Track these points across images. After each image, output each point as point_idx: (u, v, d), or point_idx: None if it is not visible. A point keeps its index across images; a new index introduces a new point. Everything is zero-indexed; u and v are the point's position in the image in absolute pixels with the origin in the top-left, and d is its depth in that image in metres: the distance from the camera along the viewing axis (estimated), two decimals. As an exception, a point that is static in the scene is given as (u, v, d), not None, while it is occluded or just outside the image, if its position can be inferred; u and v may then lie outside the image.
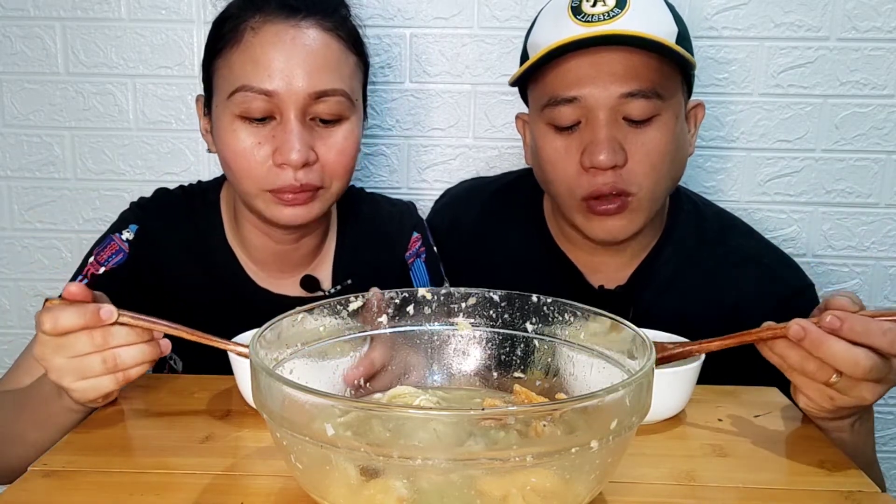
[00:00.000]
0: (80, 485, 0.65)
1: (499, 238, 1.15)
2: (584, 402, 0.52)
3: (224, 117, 0.93)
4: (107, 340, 0.72)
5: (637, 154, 0.94)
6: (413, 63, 1.33)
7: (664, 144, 0.95)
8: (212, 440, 0.74)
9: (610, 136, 0.93)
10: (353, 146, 0.96)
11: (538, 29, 0.99)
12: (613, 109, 0.93)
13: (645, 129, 0.94)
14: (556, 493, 0.53)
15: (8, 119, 1.36)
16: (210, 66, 0.96)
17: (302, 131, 0.90)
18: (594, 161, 0.92)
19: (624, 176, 0.94)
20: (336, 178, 0.95)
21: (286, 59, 0.89)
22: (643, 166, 0.94)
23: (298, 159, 0.89)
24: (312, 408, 0.52)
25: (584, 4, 0.93)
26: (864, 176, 1.33)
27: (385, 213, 1.15)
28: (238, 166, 0.92)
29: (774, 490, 0.66)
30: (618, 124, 0.94)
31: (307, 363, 0.71)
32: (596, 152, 0.92)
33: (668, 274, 1.05)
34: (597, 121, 0.93)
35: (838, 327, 0.67)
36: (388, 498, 0.52)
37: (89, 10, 1.31)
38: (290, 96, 0.89)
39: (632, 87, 0.92)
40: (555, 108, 0.95)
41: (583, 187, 0.95)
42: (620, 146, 0.93)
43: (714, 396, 0.86)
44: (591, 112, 0.93)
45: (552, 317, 0.73)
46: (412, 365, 0.78)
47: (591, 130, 0.94)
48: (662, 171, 0.96)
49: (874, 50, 1.28)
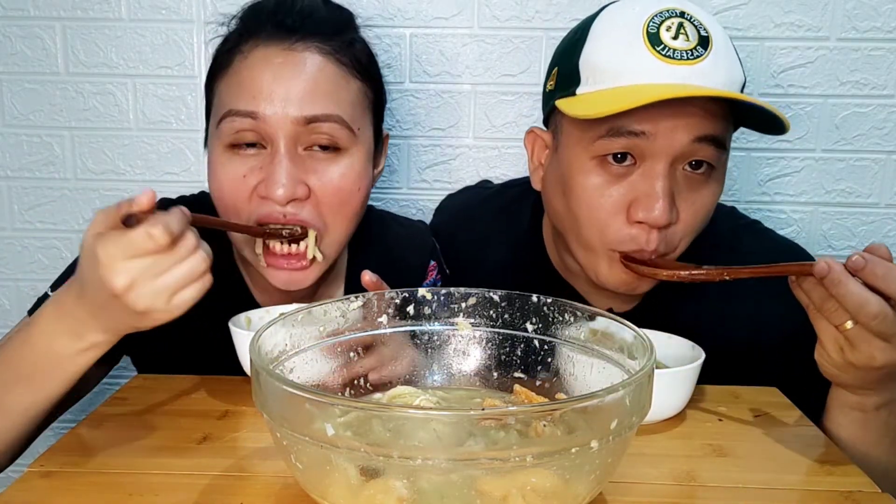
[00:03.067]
0: (80, 485, 0.65)
1: (497, 262, 1.09)
2: (584, 402, 0.52)
3: (215, 149, 0.87)
4: (198, 239, 0.67)
5: (686, 212, 0.86)
6: (413, 63, 1.33)
7: (712, 202, 0.88)
8: (211, 440, 0.74)
9: (669, 190, 0.83)
10: (352, 183, 0.87)
11: (603, 48, 0.86)
12: (681, 156, 0.84)
13: (700, 185, 0.86)
14: (556, 493, 0.53)
15: (8, 119, 1.36)
16: (208, 97, 0.92)
17: (290, 164, 0.83)
18: (648, 217, 0.83)
19: (667, 237, 0.86)
20: (332, 217, 0.87)
21: (273, 80, 0.83)
22: (688, 227, 0.87)
23: (284, 195, 0.82)
24: (313, 408, 0.52)
25: (663, 33, 0.83)
26: (864, 176, 1.33)
27: (398, 235, 1.08)
28: (224, 201, 0.86)
29: (774, 490, 0.66)
30: (675, 177, 0.85)
31: (308, 362, 0.71)
32: (652, 207, 0.83)
33: (682, 292, 0.96)
34: (658, 168, 0.83)
35: (861, 267, 0.67)
36: (388, 498, 0.52)
37: (89, 10, 1.31)
38: (277, 121, 0.83)
39: (708, 131, 0.83)
40: (614, 140, 0.84)
41: (623, 242, 0.86)
42: (674, 203, 0.85)
43: (714, 396, 0.86)
44: (654, 155, 0.83)
45: (552, 317, 0.73)
46: (406, 357, 0.77)
47: (648, 178, 0.84)
48: (702, 227, 0.89)
49: (874, 50, 1.28)
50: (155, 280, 0.65)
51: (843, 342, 0.70)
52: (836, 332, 0.70)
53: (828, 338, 0.71)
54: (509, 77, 1.32)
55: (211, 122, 0.90)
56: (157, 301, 0.65)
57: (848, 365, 0.71)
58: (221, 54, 0.90)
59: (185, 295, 0.67)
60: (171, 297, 0.66)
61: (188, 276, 0.66)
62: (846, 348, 0.70)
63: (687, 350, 0.83)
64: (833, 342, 0.71)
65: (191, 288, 0.67)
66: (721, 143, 0.86)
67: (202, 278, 0.67)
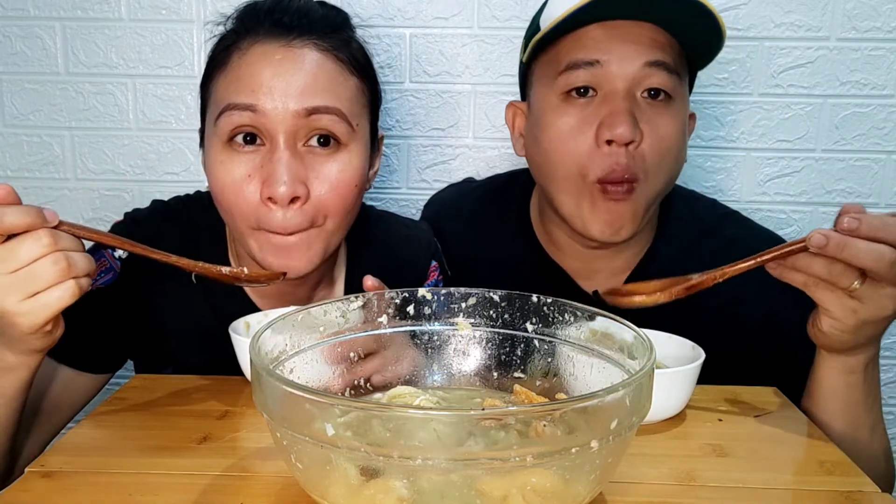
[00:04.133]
0: (80, 485, 0.65)
1: (486, 246, 1.12)
2: (584, 402, 0.52)
3: (213, 147, 0.86)
4: (55, 241, 0.64)
5: (651, 136, 0.91)
6: (413, 63, 1.33)
7: (675, 132, 0.93)
8: (211, 440, 0.74)
9: (630, 109, 0.90)
10: (350, 179, 0.87)
11: (556, 2, 0.94)
12: (635, 80, 0.90)
13: (661, 111, 0.92)
14: (556, 493, 0.53)
15: (8, 119, 1.36)
16: (205, 94, 0.91)
17: (291, 160, 0.83)
18: (614, 133, 0.89)
19: (636, 157, 0.91)
20: (330, 216, 0.87)
21: (272, 75, 0.83)
22: (655, 151, 0.92)
23: (287, 193, 0.82)
24: (313, 408, 0.52)
25: None
26: (864, 176, 1.33)
27: (400, 236, 1.08)
28: (226, 201, 0.86)
29: (774, 490, 0.66)
30: (635, 101, 0.91)
31: (308, 363, 0.71)
32: (616, 124, 0.88)
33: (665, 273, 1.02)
34: (616, 92, 0.90)
35: (856, 227, 0.68)
36: (388, 498, 0.52)
37: (89, 10, 1.31)
38: (276, 114, 0.82)
39: (657, 56, 0.90)
40: (572, 73, 0.91)
41: (597, 166, 0.91)
42: (637, 123, 0.90)
43: (714, 396, 0.86)
44: (611, 81, 0.90)
45: (552, 317, 0.73)
46: (406, 357, 0.77)
47: (609, 102, 0.90)
48: (669, 161, 0.94)
49: (874, 50, 1.28)
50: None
51: (854, 304, 0.71)
52: (843, 297, 0.71)
53: (836, 305, 0.72)
54: (509, 77, 1.32)
55: (208, 119, 0.89)
56: (8, 300, 0.64)
57: (861, 324, 0.73)
58: (218, 52, 0.89)
59: (43, 298, 0.64)
60: (22, 298, 0.64)
61: (36, 277, 0.64)
62: (858, 308, 0.71)
63: (687, 350, 0.83)
64: (842, 308, 0.72)
65: (53, 291, 0.64)
66: (674, 71, 0.91)
67: (63, 284, 0.65)
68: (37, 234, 0.64)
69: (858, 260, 0.69)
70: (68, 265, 0.65)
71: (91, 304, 0.79)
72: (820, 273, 0.71)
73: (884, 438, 0.85)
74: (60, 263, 0.64)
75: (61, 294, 0.65)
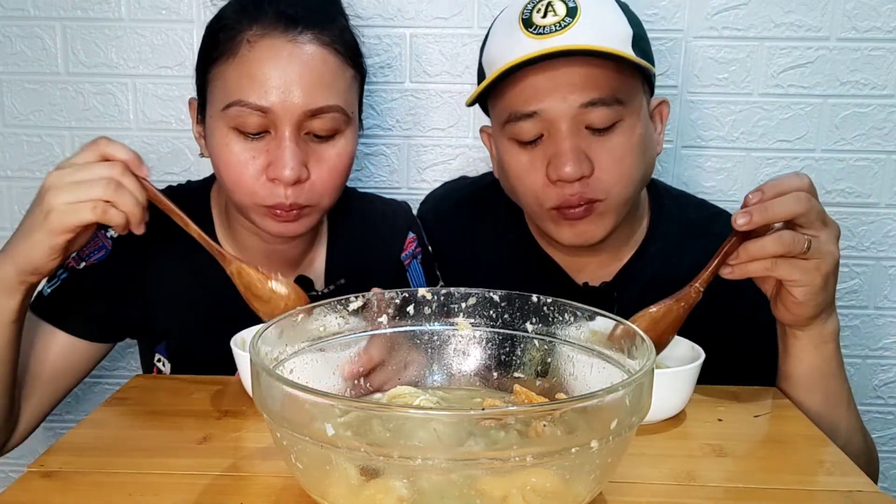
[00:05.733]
0: (79, 485, 0.65)
1: (479, 240, 1.15)
2: (584, 402, 0.52)
3: (218, 129, 0.92)
4: (122, 175, 0.77)
5: (603, 162, 0.92)
6: (413, 63, 1.33)
7: (630, 149, 0.93)
8: (211, 440, 0.74)
9: (574, 147, 0.91)
10: (345, 162, 0.95)
11: (491, 44, 0.97)
12: (575, 120, 0.91)
13: (609, 136, 0.93)
14: (556, 493, 0.53)
15: (8, 119, 1.36)
16: (205, 73, 0.95)
17: (296, 148, 0.89)
18: (560, 174, 0.91)
19: (591, 184, 0.92)
20: (326, 195, 0.94)
21: (282, 75, 0.88)
22: (611, 174, 0.93)
23: (291, 176, 0.89)
24: (313, 408, 0.52)
25: (535, 16, 0.91)
26: (864, 176, 1.33)
27: (378, 211, 1.15)
28: (231, 178, 0.92)
29: (774, 490, 0.66)
30: (581, 134, 0.92)
31: (307, 363, 0.71)
32: (561, 165, 0.90)
33: (655, 268, 1.04)
34: (559, 133, 0.92)
35: (761, 196, 0.76)
36: (388, 498, 0.52)
37: (89, 10, 1.31)
38: (285, 113, 0.88)
39: (591, 96, 0.90)
40: (516, 124, 0.94)
41: (551, 199, 0.94)
42: (585, 156, 0.92)
43: (714, 396, 0.86)
44: (552, 125, 0.92)
45: (552, 317, 0.73)
46: (412, 362, 0.77)
47: (554, 143, 0.92)
48: (631, 176, 0.95)
49: (874, 50, 1.28)
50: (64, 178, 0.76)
51: (812, 263, 0.77)
52: (802, 262, 0.77)
53: (801, 272, 0.77)
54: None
55: (211, 103, 0.93)
56: (58, 199, 0.75)
57: (826, 278, 0.78)
58: (221, 35, 0.92)
59: (81, 209, 0.75)
60: (71, 203, 0.75)
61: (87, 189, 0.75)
62: (818, 264, 0.77)
63: (687, 350, 0.84)
64: (806, 271, 0.77)
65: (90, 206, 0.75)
66: (613, 102, 0.91)
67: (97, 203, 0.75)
68: (116, 163, 0.77)
69: (786, 211, 0.75)
70: (114, 194, 0.76)
71: (85, 277, 0.96)
72: (776, 249, 0.76)
73: (857, 414, 0.90)
74: (109, 189, 0.76)
75: (92, 209, 0.75)
